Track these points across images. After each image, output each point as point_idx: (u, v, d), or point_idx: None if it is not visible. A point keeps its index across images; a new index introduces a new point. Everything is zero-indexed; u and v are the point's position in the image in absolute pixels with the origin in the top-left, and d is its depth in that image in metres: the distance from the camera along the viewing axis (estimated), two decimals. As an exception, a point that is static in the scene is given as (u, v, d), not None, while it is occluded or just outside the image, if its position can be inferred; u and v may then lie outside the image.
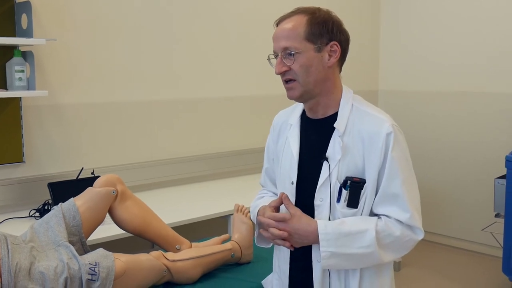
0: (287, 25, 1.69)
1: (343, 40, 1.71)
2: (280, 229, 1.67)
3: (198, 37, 3.67)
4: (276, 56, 1.72)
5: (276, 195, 1.93)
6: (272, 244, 1.86)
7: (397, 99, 4.99)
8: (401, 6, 4.89)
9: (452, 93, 4.60)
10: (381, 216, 1.68)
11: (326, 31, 1.67)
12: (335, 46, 1.69)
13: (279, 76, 1.74)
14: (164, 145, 3.56)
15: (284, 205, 1.72)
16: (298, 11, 1.71)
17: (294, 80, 1.68)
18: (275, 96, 4.02)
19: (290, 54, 1.66)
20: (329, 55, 1.68)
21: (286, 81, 1.71)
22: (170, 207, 3.04)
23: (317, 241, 1.65)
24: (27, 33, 2.77)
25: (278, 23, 1.74)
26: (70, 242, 2.05)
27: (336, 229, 1.63)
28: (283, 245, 1.70)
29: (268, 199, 1.90)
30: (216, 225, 3.17)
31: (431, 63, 4.72)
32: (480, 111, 4.44)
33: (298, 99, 1.74)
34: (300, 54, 1.65)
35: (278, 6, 4.05)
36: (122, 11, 3.28)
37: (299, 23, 1.67)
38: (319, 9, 1.71)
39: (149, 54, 3.44)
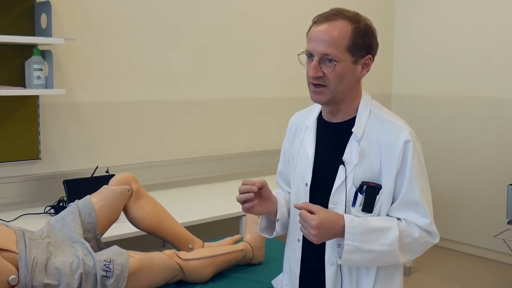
0: (331, 30, 1.65)
1: (376, 53, 1.74)
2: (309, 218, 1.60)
3: (212, 39, 3.70)
4: (309, 56, 1.71)
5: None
6: (274, 234, 1.88)
7: (410, 103, 4.98)
8: (416, 10, 4.89)
9: (465, 97, 4.59)
10: (401, 218, 1.69)
11: (366, 44, 1.68)
12: (369, 60, 1.71)
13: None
14: (179, 145, 3.59)
15: (303, 208, 1.65)
16: (341, 16, 1.67)
17: (325, 86, 1.68)
18: (287, 98, 4.04)
19: (329, 61, 1.65)
20: (362, 67, 1.71)
21: (315, 85, 1.70)
22: (183, 207, 3.06)
23: (341, 235, 1.63)
24: (46, 33, 2.81)
25: (317, 22, 1.70)
26: (85, 238, 2.08)
27: (362, 224, 1.63)
28: (307, 235, 1.62)
29: (282, 195, 1.93)
30: (228, 226, 3.19)
31: (445, 67, 4.71)
32: (493, 116, 4.43)
33: (324, 104, 1.76)
34: (338, 63, 1.65)
35: (291, 5, 4.08)
36: (138, 12, 3.32)
37: (344, 32, 1.65)
38: (360, 17, 1.70)
39: (166, 54, 3.47)
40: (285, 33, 4.01)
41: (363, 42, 1.67)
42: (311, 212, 1.62)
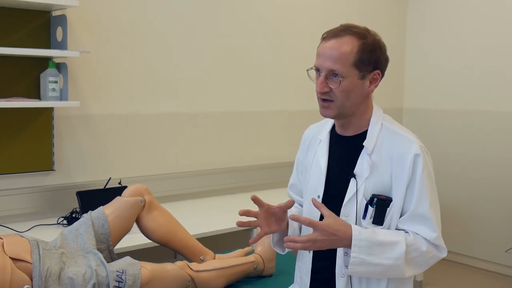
0: (337, 46, 1.67)
1: (385, 68, 1.75)
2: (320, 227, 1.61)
3: (227, 51, 3.73)
4: (317, 71, 1.74)
5: (301, 206, 1.97)
6: (286, 251, 1.88)
7: (421, 117, 4.99)
8: (427, 24, 4.91)
9: (477, 111, 4.59)
10: (409, 231, 1.70)
11: (374, 60, 1.69)
12: (377, 75, 1.73)
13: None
14: (192, 157, 3.61)
15: (318, 207, 1.66)
16: (349, 31, 1.69)
17: (331, 101, 1.71)
18: (300, 111, 4.06)
19: (335, 76, 1.68)
20: (370, 82, 1.72)
21: (323, 100, 1.73)
22: (195, 218, 3.08)
23: (347, 245, 1.64)
24: (62, 46, 2.85)
25: (325, 38, 1.73)
26: (98, 249, 2.10)
27: (369, 237, 1.64)
28: (303, 247, 1.63)
29: (293, 210, 1.94)
30: (239, 238, 3.20)
31: (456, 81, 4.71)
32: (505, 130, 4.42)
33: (332, 118, 1.79)
34: (345, 79, 1.67)
35: (307, 18, 4.11)
36: (153, 25, 3.36)
37: (351, 48, 1.66)
38: (368, 32, 1.71)
39: (179, 68, 3.50)
40: (299, 46, 4.04)
41: (370, 57, 1.69)
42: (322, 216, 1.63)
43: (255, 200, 1.77)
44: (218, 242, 3.06)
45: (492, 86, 4.48)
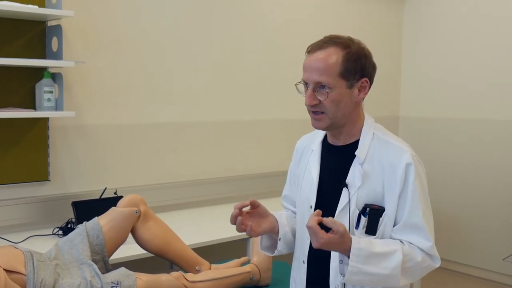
0: (322, 58, 1.68)
1: (372, 75, 1.75)
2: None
3: (224, 60, 3.73)
4: (305, 85, 1.74)
5: (295, 213, 1.96)
6: (275, 253, 1.88)
7: (418, 125, 4.99)
8: (423, 33, 4.92)
9: (473, 120, 4.60)
10: (403, 241, 1.70)
11: (360, 68, 1.70)
12: (365, 82, 1.73)
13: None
14: (187, 167, 3.61)
15: (328, 223, 1.60)
16: (332, 42, 1.70)
17: (323, 113, 1.71)
18: (296, 120, 4.06)
19: (322, 88, 1.68)
20: (359, 90, 1.72)
21: (314, 112, 1.73)
22: (191, 228, 3.06)
23: (345, 253, 1.62)
24: (57, 56, 2.85)
25: (310, 51, 1.74)
26: (93, 260, 2.10)
27: (367, 246, 1.63)
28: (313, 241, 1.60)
29: (284, 215, 1.93)
30: (235, 248, 3.19)
31: (453, 89, 4.72)
32: (501, 138, 4.42)
33: (324, 129, 1.79)
34: (332, 90, 1.67)
35: (307, 26, 4.12)
36: (148, 35, 3.36)
37: (335, 59, 1.67)
38: (352, 41, 1.72)
39: (175, 77, 3.50)
40: (295, 55, 4.04)
41: (355, 66, 1.69)
42: (328, 228, 1.58)
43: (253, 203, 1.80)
44: (214, 252, 3.05)
45: (488, 95, 4.49)
